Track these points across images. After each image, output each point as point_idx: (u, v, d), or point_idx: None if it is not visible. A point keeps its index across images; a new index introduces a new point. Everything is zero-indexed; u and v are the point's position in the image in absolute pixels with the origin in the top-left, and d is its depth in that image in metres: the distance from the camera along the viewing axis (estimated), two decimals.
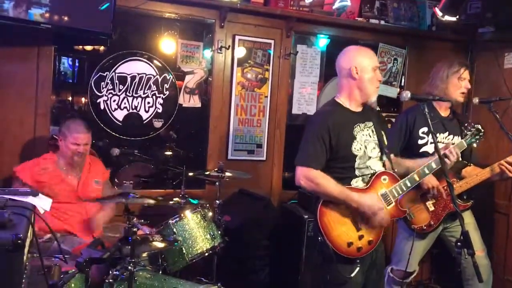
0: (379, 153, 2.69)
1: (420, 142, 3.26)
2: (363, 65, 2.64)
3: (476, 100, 3.29)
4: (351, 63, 2.67)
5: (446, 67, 3.29)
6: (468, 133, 3.02)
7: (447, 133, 3.29)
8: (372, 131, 2.71)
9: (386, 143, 2.74)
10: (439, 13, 3.80)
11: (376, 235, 2.62)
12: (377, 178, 2.65)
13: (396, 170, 2.74)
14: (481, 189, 3.43)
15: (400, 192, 2.66)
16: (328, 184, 2.54)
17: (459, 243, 2.34)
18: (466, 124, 3.09)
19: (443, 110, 3.35)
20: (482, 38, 4.29)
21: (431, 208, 3.23)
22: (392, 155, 2.83)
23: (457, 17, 3.83)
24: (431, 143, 3.23)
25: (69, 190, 3.22)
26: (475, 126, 3.02)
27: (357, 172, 2.62)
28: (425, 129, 3.25)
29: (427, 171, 2.72)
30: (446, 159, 2.77)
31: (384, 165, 2.70)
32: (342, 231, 2.57)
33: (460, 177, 3.28)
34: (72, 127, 3.22)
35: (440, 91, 3.24)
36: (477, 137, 3.03)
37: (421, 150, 3.25)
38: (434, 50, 4.63)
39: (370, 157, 2.65)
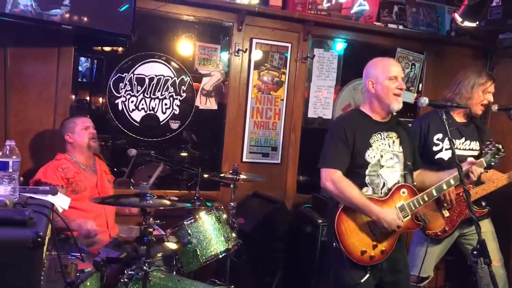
0: (396, 164, 2.73)
1: (435, 148, 3.24)
2: (377, 77, 2.72)
3: (495, 108, 3.25)
4: (367, 76, 2.77)
5: (474, 77, 3.23)
6: (489, 151, 3.00)
7: (463, 138, 3.26)
8: (394, 142, 2.75)
9: (411, 158, 2.77)
10: (459, 19, 3.77)
11: (390, 245, 2.68)
12: (397, 190, 2.71)
13: (415, 183, 2.78)
14: (500, 197, 3.39)
15: (417, 206, 2.72)
16: (352, 191, 2.60)
17: (475, 252, 2.33)
18: (487, 143, 3.07)
19: (460, 117, 3.31)
20: (502, 45, 4.25)
21: (446, 214, 3.21)
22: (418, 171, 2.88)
23: (477, 23, 3.79)
24: (446, 149, 3.21)
25: (92, 186, 3.25)
26: (496, 145, 3.01)
27: (367, 180, 2.68)
28: (439, 135, 3.23)
29: (444, 187, 2.78)
30: (467, 179, 2.82)
31: (404, 178, 2.74)
32: (358, 239, 2.63)
33: (478, 182, 3.24)
34: (74, 118, 3.32)
35: (462, 99, 3.21)
36: (497, 156, 3.01)
37: (436, 157, 3.22)
38: (453, 56, 4.59)
39: (383, 166, 2.70)
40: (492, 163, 3.01)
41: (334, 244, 2.63)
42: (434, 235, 3.20)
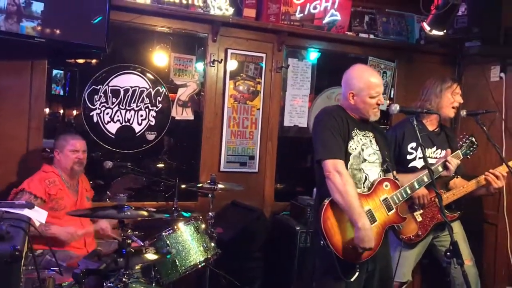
0: (377, 160, 2.75)
1: (408, 157, 3.31)
2: (360, 92, 2.69)
3: (463, 113, 3.36)
4: (349, 87, 2.74)
5: (439, 82, 3.35)
6: (463, 144, 3.10)
7: (434, 147, 3.34)
8: (371, 141, 2.78)
9: (388, 157, 2.81)
10: (427, 28, 3.89)
11: (377, 241, 2.63)
12: (380, 184, 2.71)
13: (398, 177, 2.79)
14: (470, 200, 3.49)
15: (401, 199, 2.72)
16: (354, 190, 2.54)
17: (448, 253, 2.39)
18: (461, 136, 3.18)
19: (431, 125, 3.40)
20: (469, 52, 4.38)
21: (419, 219, 3.28)
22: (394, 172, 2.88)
23: (445, 31, 3.91)
24: (419, 158, 3.28)
25: (71, 204, 3.24)
26: (469, 138, 3.13)
27: (349, 172, 2.62)
28: (413, 144, 3.30)
29: (426, 179, 2.80)
30: (446, 170, 2.87)
31: (384, 174, 2.76)
32: (345, 236, 2.59)
33: (448, 188, 3.33)
34: (68, 137, 3.30)
35: (433, 105, 3.30)
36: (471, 148, 3.12)
37: (410, 165, 3.29)
38: (423, 63, 4.72)
39: (365, 160, 2.71)
40: (468, 156, 3.11)
41: (322, 242, 2.57)
42: (408, 240, 3.26)
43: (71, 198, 3.25)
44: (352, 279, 2.56)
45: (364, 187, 2.70)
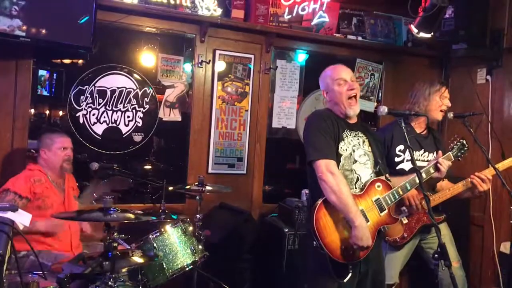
0: (368, 162, 2.76)
1: (396, 159, 3.32)
2: (328, 85, 2.79)
3: (450, 115, 3.37)
4: (321, 88, 2.87)
5: (428, 85, 3.36)
6: (454, 147, 3.12)
7: (422, 150, 3.35)
8: (364, 142, 2.79)
9: (380, 158, 2.81)
10: (415, 30, 3.90)
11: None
12: (372, 184, 2.71)
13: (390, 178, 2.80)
14: (457, 202, 3.50)
15: (393, 200, 2.73)
16: (348, 189, 2.55)
17: (436, 255, 2.39)
18: (452, 138, 3.19)
19: (419, 127, 3.40)
20: (455, 55, 4.42)
21: (405, 221, 3.29)
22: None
23: (432, 33, 3.94)
24: (407, 160, 3.29)
25: (59, 203, 3.20)
26: (461, 140, 3.14)
27: (341, 173, 2.63)
28: (401, 147, 3.31)
29: (417, 181, 2.78)
30: (438, 171, 2.87)
31: (376, 175, 2.77)
32: (337, 236, 2.58)
33: (435, 191, 3.35)
34: (54, 135, 3.26)
35: (422, 108, 3.31)
36: (462, 151, 3.13)
37: (397, 168, 3.30)
38: (410, 65, 4.75)
39: (356, 161, 2.72)
40: (459, 157, 3.12)
41: (314, 242, 2.56)
42: (393, 242, 3.26)
43: (58, 197, 3.20)
44: (345, 280, 2.56)
45: (356, 188, 2.71)
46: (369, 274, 2.72)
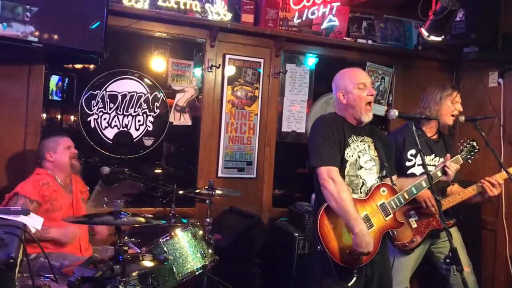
0: (374, 167, 2.75)
1: (407, 164, 3.30)
2: (347, 87, 2.75)
3: (462, 118, 3.35)
4: (337, 88, 2.80)
5: (439, 90, 3.34)
6: (464, 149, 3.09)
7: (433, 155, 3.32)
8: (369, 147, 2.78)
9: (387, 162, 2.80)
10: (425, 33, 3.89)
11: (374, 247, 2.61)
12: (377, 189, 2.72)
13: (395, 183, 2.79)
14: (469, 206, 3.48)
15: (398, 204, 2.73)
16: (349, 196, 2.55)
17: (447, 260, 2.38)
18: (462, 140, 3.16)
19: (430, 132, 3.38)
20: (467, 58, 4.39)
21: (414, 225, 3.26)
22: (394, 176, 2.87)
23: (443, 37, 3.92)
24: (418, 165, 3.27)
25: (68, 205, 3.21)
26: (471, 142, 3.11)
27: (346, 180, 2.66)
28: (413, 151, 3.29)
29: (424, 184, 2.81)
30: (445, 175, 2.86)
31: (381, 180, 2.76)
32: (341, 241, 2.59)
33: (445, 195, 3.32)
34: (56, 138, 3.29)
35: (433, 112, 3.28)
36: (472, 153, 3.10)
37: (408, 172, 3.27)
38: (420, 69, 4.72)
39: (361, 167, 2.71)
40: (468, 160, 3.09)
41: (318, 247, 2.57)
42: (402, 246, 3.23)
43: (66, 199, 3.22)
44: (349, 284, 2.56)
45: (361, 192, 2.71)
46: (375, 278, 2.70)
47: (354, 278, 2.57)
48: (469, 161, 3.10)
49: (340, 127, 2.72)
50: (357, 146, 2.74)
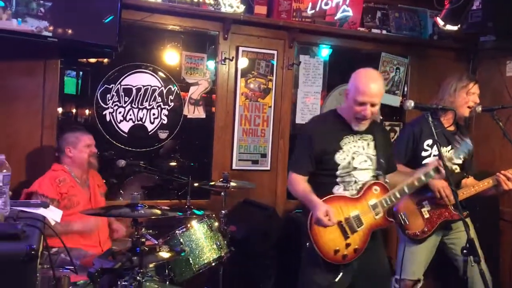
0: (370, 166, 2.78)
1: (423, 154, 3.28)
2: (350, 92, 2.75)
3: (479, 109, 3.30)
4: (348, 84, 2.79)
5: (455, 81, 3.30)
6: (457, 145, 3.10)
7: (449, 146, 3.29)
8: (368, 144, 2.80)
9: (385, 160, 2.82)
10: (441, 23, 3.84)
11: (362, 243, 2.72)
12: (369, 188, 2.75)
13: (388, 180, 2.83)
14: (487, 197, 3.44)
15: (390, 203, 2.75)
16: (297, 187, 2.77)
17: (465, 251, 2.36)
18: (457, 137, 3.15)
19: (447, 122, 3.33)
20: (483, 47, 4.33)
21: (426, 215, 3.25)
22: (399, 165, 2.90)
23: (459, 26, 3.87)
24: (434, 155, 3.25)
25: (86, 201, 3.25)
26: (464, 139, 3.08)
27: (338, 180, 2.75)
28: (429, 141, 3.26)
29: (416, 184, 2.81)
30: (438, 173, 2.79)
31: (376, 179, 2.79)
32: (331, 239, 2.67)
33: (459, 187, 3.29)
34: (77, 133, 3.31)
35: (447, 104, 3.23)
36: (465, 150, 3.08)
37: (423, 162, 3.25)
38: (436, 58, 4.67)
39: (355, 168, 2.75)
40: (461, 157, 3.09)
41: (308, 243, 2.69)
42: (413, 235, 3.23)
43: (84, 194, 3.26)
44: (336, 280, 2.67)
45: (353, 190, 2.76)
46: (364, 271, 2.76)
47: (340, 274, 2.68)
48: (466, 157, 3.09)
49: (332, 129, 2.76)
50: (353, 146, 2.76)
